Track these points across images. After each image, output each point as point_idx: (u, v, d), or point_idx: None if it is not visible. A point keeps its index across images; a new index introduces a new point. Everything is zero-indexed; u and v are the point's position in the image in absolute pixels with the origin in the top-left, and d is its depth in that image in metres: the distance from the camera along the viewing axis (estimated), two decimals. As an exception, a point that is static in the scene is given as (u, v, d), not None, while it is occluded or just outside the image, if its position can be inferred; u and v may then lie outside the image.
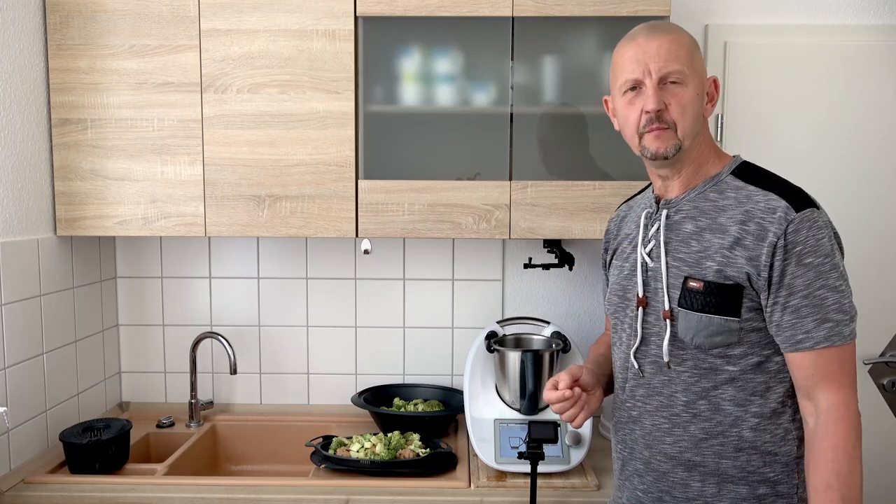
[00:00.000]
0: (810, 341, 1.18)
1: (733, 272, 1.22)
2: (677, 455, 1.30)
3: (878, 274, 2.22)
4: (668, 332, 1.27)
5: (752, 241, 1.21)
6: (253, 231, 1.93)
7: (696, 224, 1.27)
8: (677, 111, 1.25)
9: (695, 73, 1.26)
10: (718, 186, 1.29)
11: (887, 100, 2.17)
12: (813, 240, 1.18)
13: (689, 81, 1.25)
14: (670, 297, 1.28)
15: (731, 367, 1.25)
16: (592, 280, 2.29)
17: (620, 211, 1.51)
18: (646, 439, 1.34)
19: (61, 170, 1.93)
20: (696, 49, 1.29)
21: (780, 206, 1.20)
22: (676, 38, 1.26)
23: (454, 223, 1.92)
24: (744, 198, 1.25)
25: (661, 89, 1.25)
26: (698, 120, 1.27)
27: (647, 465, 1.34)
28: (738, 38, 2.18)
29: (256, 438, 2.20)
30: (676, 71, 1.24)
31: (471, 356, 1.93)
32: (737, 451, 1.26)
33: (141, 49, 1.89)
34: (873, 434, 2.26)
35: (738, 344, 1.24)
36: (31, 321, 1.85)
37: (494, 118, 1.92)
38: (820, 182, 2.13)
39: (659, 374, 1.31)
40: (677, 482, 1.30)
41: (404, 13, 1.87)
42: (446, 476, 1.78)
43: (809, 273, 1.18)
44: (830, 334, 1.18)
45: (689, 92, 1.25)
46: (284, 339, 2.32)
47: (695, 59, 1.27)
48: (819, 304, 1.18)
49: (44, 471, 1.79)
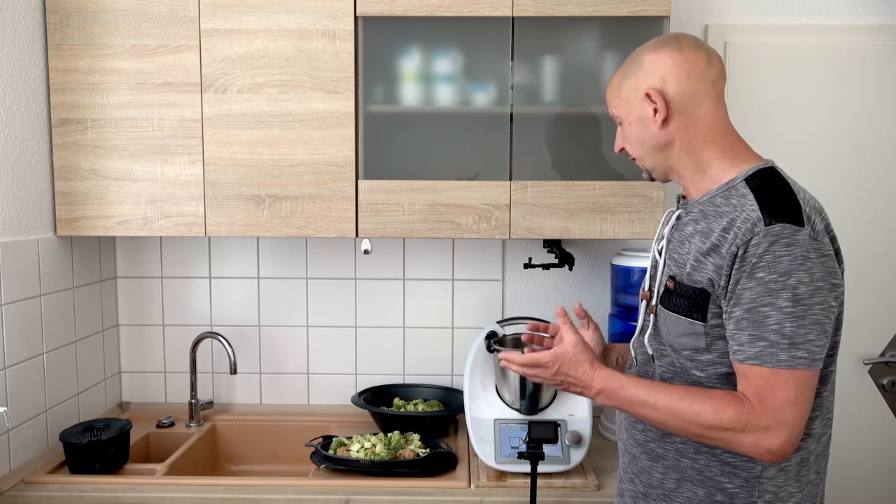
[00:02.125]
0: (742, 354, 1.15)
1: (699, 277, 1.21)
2: (644, 443, 1.34)
3: (877, 274, 2.22)
4: (651, 327, 1.33)
5: (726, 248, 1.18)
6: (253, 231, 1.93)
7: (696, 227, 1.27)
8: (630, 148, 1.34)
9: (622, 105, 1.31)
10: (728, 193, 1.24)
11: (887, 100, 2.17)
12: (771, 255, 1.13)
13: (624, 118, 1.32)
14: (658, 294, 1.32)
15: (698, 372, 1.25)
16: (592, 280, 2.29)
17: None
18: (625, 423, 1.40)
19: (61, 170, 1.93)
20: (624, 74, 1.31)
21: (752, 218, 1.16)
22: (614, 77, 1.33)
23: (454, 223, 1.92)
24: (740, 206, 1.20)
25: (619, 130, 1.35)
26: (651, 142, 1.30)
27: (624, 447, 1.41)
28: (738, 38, 2.18)
29: (256, 438, 2.20)
30: (614, 115, 1.35)
31: (471, 356, 1.93)
32: (696, 453, 1.26)
33: (141, 49, 1.89)
34: (873, 434, 2.26)
35: (706, 350, 1.23)
36: (31, 321, 1.85)
37: (494, 118, 1.92)
38: (820, 182, 2.12)
39: (646, 365, 1.36)
40: (643, 469, 1.34)
41: (404, 13, 1.87)
42: (446, 476, 1.78)
43: (758, 288, 1.13)
44: (762, 353, 1.13)
45: (626, 127, 1.32)
46: (284, 339, 2.32)
47: (622, 89, 1.31)
48: (759, 320, 1.13)
49: (44, 471, 1.79)
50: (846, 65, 2.17)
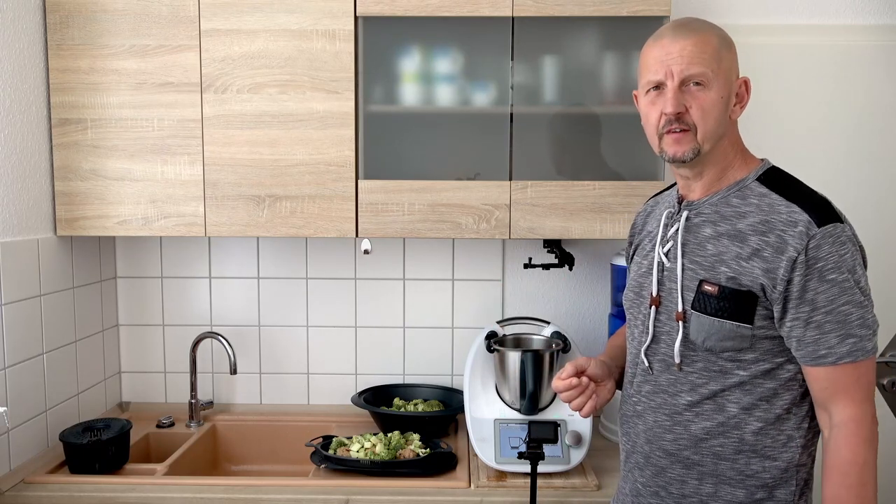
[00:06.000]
0: (833, 356, 1.18)
1: (748, 281, 1.21)
2: (676, 452, 1.30)
3: (877, 274, 2.20)
4: (681, 334, 1.27)
5: (771, 252, 1.19)
6: (253, 231, 1.93)
7: (716, 229, 1.26)
8: (698, 114, 1.22)
9: (720, 74, 1.22)
10: (742, 192, 1.26)
11: (887, 100, 2.17)
12: (836, 255, 1.17)
13: (713, 84, 1.22)
14: (684, 298, 1.27)
15: (741, 371, 1.25)
16: (592, 280, 2.29)
17: (648, 206, 1.50)
18: (647, 434, 1.35)
19: (61, 170, 1.93)
20: (726, 49, 1.25)
21: (801, 220, 1.18)
22: (702, 39, 1.23)
23: (454, 223, 1.92)
24: (766, 206, 1.23)
25: (682, 91, 1.22)
26: (721, 123, 1.24)
27: (646, 460, 1.35)
28: (738, 38, 2.14)
29: (256, 438, 2.20)
30: (699, 73, 1.21)
31: (471, 356, 1.93)
32: (736, 453, 1.26)
33: (141, 49, 1.89)
34: (873, 434, 2.26)
35: (749, 350, 1.23)
36: (31, 321, 1.85)
37: (494, 118, 1.92)
38: (819, 182, 2.10)
39: (666, 372, 1.32)
40: (674, 479, 1.31)
41: (404, 13, 1.87)
42: (446, 476, 1.78)
43: (833, 289, 1.17)
44: (854, 349, 1.18)
45: (711, 95, 1.22)
46: (284, 339, 2.32)
47: (722, 60, 1.23)
48: (843, 319, 1.18)
49: (44, 471, 1.79)
50: (846, 64, 2.17)
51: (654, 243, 1.37)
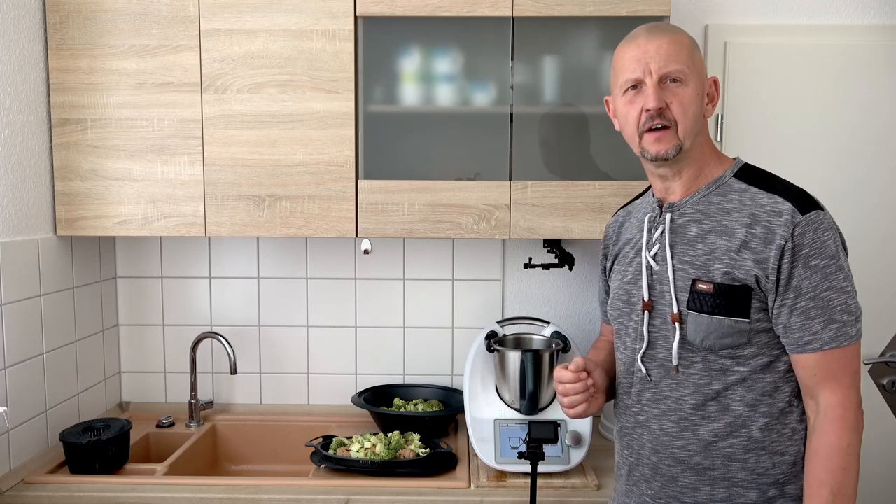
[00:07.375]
0: (818, 342, 1.20)
1: (741, 274, 1.22)
2: (686, 459, 1.29)
3: (877, 274, 2.22)
4: (678, 336, 1.27)
5: (760, 243, 1.21)
6: (253, 231, 1.93)
7: (702, 227, 1.27)
8: (678, 110, 1.24)
9: (695, 72, 1.26)
10: (722, 189, 1.29)
11: (887, 100, 2.17)
12: (819, 242, 1.19)
13: (690, 81, 1.25)
14: (678, 300, 1.27)
15: (741, 367, 1.25)
16: (592, 280, 2.29)
17: (618, 216, 1.51)
18: (653, 444, 1.33)
19: (61, 170, 1.93)
20: (697, 49, 1.29)
21: (785, 209, 1.21)
22: (676, 39, 1.26)
23: (454, 223, 1.92)
24: (748, 200, 1.25)
25: (661, 88, 1.25)
26: (699, 120, 1.27)
27: (654, 471, 1.33)
28: (738, 38, 2.18)
29: (256, 438, 2.20)
30: (676, 70, 1.24)
31: (471, 356, 1.93)
32: (746, 452, 1.26)
33: (141, 49, 1.89)
34: (873, 434, 2.26)
35: (747, 345, 1.24)
36: (31, 321, 1.85)
37: (494, 118, 1.92)
38: (819, 182, 2.13)
39: (667, 377, 1.31)
40: (686, 487, 1.30)
41: (404, 13, 1.87)
42: (446, 476, 1.78)
43: (816, 275, 1.19)
44: (837, 335, 1.19)
45: (689, 91, 1.25)
46: (284, 339, 2.32)
47: (695, 59, 1.27)
48: (826, 305, 1.19)
49: (44, 471, 1.79)
50: (845, 65, 2.17)
51: (637, 248, 1.37)
